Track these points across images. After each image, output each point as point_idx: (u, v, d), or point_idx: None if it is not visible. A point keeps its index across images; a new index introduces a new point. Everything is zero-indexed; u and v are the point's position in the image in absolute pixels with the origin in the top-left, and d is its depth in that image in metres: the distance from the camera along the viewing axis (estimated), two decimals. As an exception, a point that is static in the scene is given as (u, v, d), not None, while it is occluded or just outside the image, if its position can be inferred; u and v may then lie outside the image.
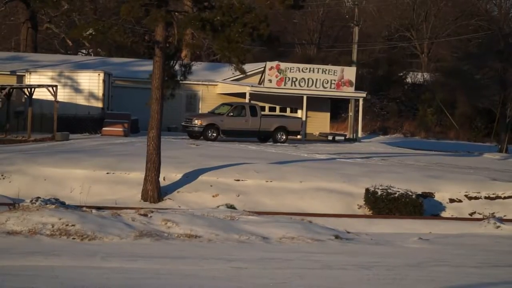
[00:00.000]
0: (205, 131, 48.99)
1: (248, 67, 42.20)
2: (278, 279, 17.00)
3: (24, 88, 47.44)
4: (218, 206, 30.37)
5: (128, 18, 34.02)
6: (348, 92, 56.99)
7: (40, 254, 19.02)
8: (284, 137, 50.54)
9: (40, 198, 25.14)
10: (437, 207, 34.30)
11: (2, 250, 19.32)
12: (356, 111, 59.28)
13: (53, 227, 22.25)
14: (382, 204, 32.77)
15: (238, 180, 34.75)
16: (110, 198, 31.90)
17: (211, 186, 34.00)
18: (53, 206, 24.06)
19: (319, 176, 36.01)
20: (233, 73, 47.30)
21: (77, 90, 50.41)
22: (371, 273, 18.64)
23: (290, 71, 55.49)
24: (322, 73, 56.23)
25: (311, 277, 17.66)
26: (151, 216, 24.65)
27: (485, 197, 34.90)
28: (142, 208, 27.00)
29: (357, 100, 58.81)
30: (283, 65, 56.01)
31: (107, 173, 34.74)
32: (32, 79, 49.98)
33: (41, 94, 46.22)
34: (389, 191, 33.14)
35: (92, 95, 50.62)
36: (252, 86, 54.21)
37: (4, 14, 70.25)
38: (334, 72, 56.51)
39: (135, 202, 31.41)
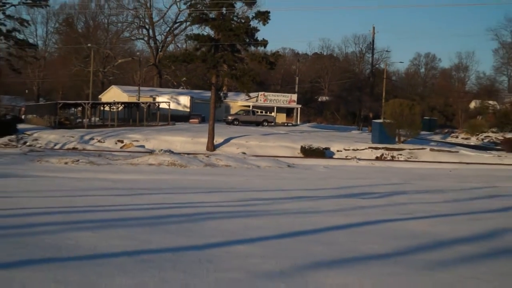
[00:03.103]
0: (233, 121, 48.76)
1: (251, 94, 41.99)
2: (265, 184, 16.95)
3: (156, 103, 47.22)
4: (238, 153, 30.34)
5: (201, 73, 33.87)
6: (294, 105, 56.62)
7: (163, 173, 19.00)
8: (266, 124, 50.28)
9: (162, 149, 25.09)
10: (331, 153, 34.24)
11: (146, 171, 19.28)
12: (297, 113, 58.97)
13: (168, 162, 22.21)
14: (307, 152, 32.74)
15: (247, 142, 34.65)
16: (193, 150, 31.84)
17: (235, 144, 33.91)
18: (168, 153, 24.00)
19: (281, 140, 35.94)
20: (245, 96, 46.94)
21: (178, 103, 50.13)
22: (304, 181, 18.60)
23: (269, 96, 55.23)
24: (282, 97, 56.00)
25: (279, 183, 17.60)
26: (210, 157, 24.60)
27: (352, 150, 34.82)
28: (206, 154, 26.99)
29: (297, 108, 58.48)
30: (266, 93, 55.67)
31: (192, 139, 34.64)
32: (159, 99, 49.65)
33: (163, 105, 46.00)
34: (311, 146, 33.09)
35: (185, 106, 50.39)
36: (253, 103, 53.82)
37: (146, 71, 69.70)
38: (287, 96, 56.23)
39: (203, 151, 31.37)
